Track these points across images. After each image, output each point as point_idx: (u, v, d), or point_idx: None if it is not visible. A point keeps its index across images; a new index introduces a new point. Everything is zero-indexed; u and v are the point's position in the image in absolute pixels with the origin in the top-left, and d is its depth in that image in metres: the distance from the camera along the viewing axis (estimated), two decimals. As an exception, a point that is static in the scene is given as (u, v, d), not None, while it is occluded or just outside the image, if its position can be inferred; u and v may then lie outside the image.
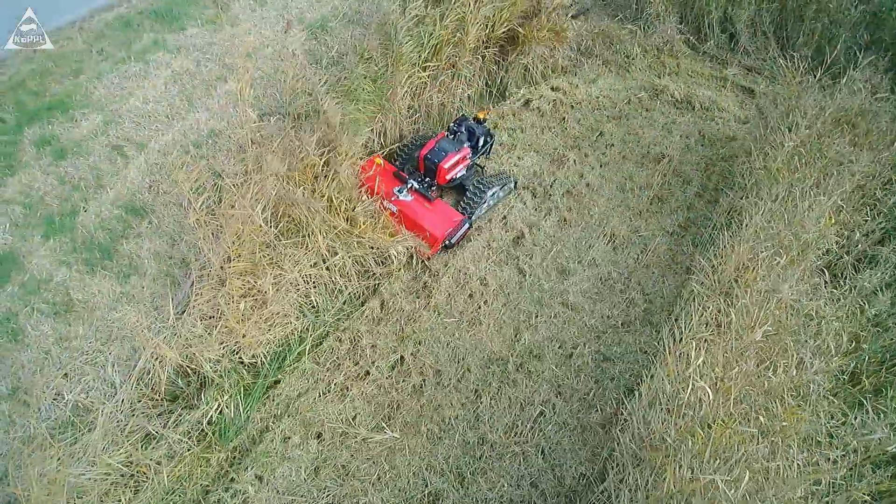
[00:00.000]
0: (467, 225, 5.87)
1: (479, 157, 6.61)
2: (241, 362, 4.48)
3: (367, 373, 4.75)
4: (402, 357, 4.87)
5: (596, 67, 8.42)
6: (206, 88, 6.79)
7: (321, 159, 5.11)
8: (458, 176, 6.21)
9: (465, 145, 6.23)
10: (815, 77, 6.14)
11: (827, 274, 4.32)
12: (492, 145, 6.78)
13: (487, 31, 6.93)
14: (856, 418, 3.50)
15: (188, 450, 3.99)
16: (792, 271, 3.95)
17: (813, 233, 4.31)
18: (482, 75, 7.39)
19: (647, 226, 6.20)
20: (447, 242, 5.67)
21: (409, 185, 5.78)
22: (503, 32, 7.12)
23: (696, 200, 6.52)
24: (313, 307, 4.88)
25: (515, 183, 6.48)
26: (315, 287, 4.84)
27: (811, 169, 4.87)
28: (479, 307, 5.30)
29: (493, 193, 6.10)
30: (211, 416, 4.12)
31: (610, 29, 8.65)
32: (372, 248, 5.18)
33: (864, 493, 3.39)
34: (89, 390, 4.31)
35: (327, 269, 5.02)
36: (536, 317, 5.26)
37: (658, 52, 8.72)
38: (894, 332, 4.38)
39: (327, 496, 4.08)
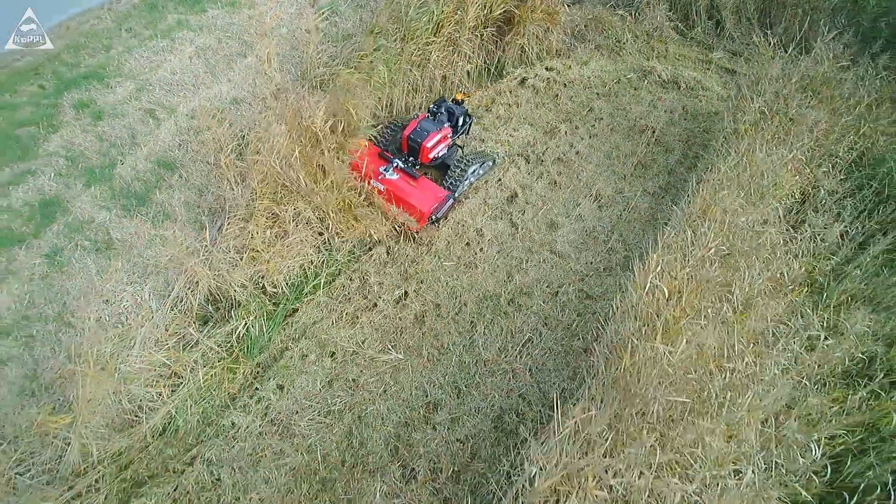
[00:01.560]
0: (451, 200, 6.21)
1: (458, 137, 6.96)
2: (264, 292, 5.05)
3: (375, 305, 5.32)
4: (405, 292, 5.43)
5: (588, 51, 8.97)
6: (227, 62, 7.41)
7: (329, 129, 5.61)
8: (440, 155, 6.54)
9: (446, 125, 6.56)
10: (786, 52, 6.70)
11: (781, 211, 4.86)
12: (471, 125, 7.14)
13: (485, 12, 7.50)
14: (801, 322, 4.05)
15: (219, 360, 4.56)
16: (750, 205, 4.51)
17: (770, 177, 4.86)
18: (481, 53, 7.96)
19: (631, 188, 6.75)
20: (434, 217, 6.02)
21: (395, 164, 6.10)
22: (500, 14, 7.70)
23: (677, 166, 7.08)
24: (327, 246, 5.44)
25: (494, 161, 6.89)
26: (328, 228, 5.40)
27: (772, 125, 5.43)
28: (476, 254, 5.86)
29: (474, 171, 6.49)
30: (239, 333, 4.68)
31: (602, 15, 9.20)
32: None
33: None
34: (129, 313, 4.89)
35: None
36: (527, 262, 5.82)
37: (648, 37, 9.27)
38: (854, 277, 4.91)
39: (339, 403, 4.64)
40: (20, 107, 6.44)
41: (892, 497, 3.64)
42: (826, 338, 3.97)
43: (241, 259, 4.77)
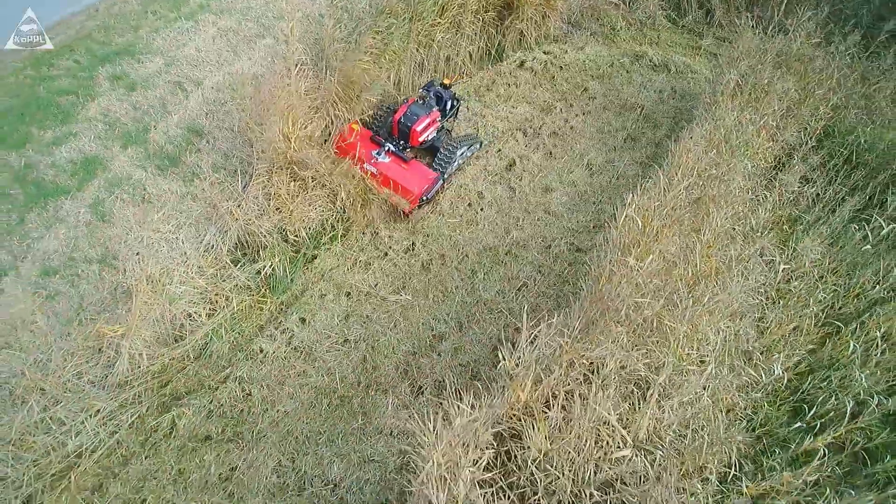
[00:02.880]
0: (441, 181, 6.51)
1: (447, 120, 7.21)
2: (286, 240, 5.61)
3: (386, 254, 5.89)
4: (413, 243, 6.00)
5: (584, 37, 9.52)
6: (247, 43, 7.98)
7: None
8: (429, 138, 6.77)
9: (435, 109, 6.79)
10: (765, 33, 7.24)
11: (750, 167, 5.40)
12: (458, 108, 7.39)
13: (487, -3, 8.08)
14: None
15: (249, 294, 5.12)
16: (721, 160, 5.06)
17: (740, 137, 5.41)
18: (483, 36, 8.52)
19: (621, 158, 7.31)
20: (424, 198, 6.30)
21: (386, 148, 6.33)
22: (500, -1, 8.27)
23: (664, 140, 7.61)
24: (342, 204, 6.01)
25: (481, 143, 7.27)
26: (342, 187, 5.96)
27: (745, 94, 5.98)
28: (477, 213, 6.43)
29: (462, 153, 6.81)
30: (266, 272, 5.25)
31: (598, 4, 9.76)
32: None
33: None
34: (166, 257, 5.44)
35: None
36: (523, 220, 6.38)
37: (641, 25, 9.83)
38: (823, 232, 5.44)
39: (355, 335, 5.21)
40: (58, 78, 7.01)
41: (848, 413, 4.17)
42: (782, 263, 4.51)
43: (269, 205, 5.32)
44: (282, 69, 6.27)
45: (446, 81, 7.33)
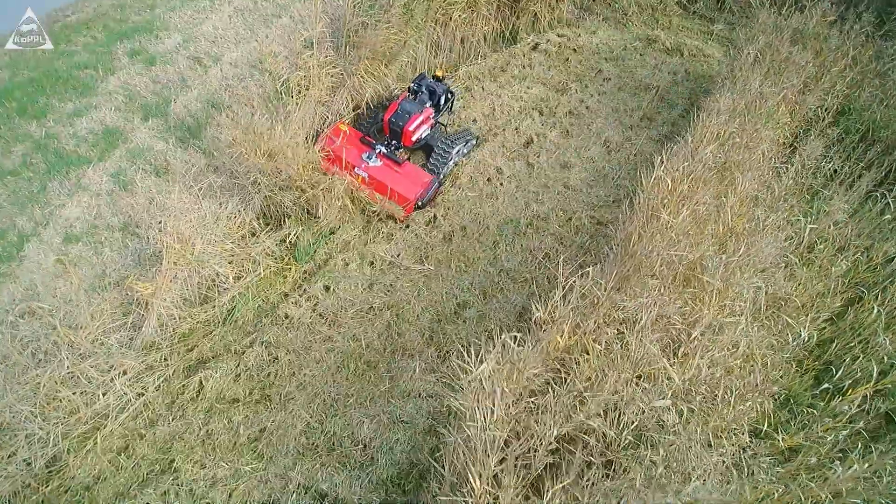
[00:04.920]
0: (437, 184, 6.14)
1: (441, 116, 6.87)
2: (308, 212, 5.62)
3: (408, 226, 5.90)
4: (434, 216, 6.01)
5: (596, 22, 9.56)
6: (263, 21, 7.99)
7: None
8: (423, 137, 6.44)
9: (428, 105, 6.45)
10: (780, 13, 7.29)
11: (773, 133, 5.43)
12: (453, 102, 7.08)
13: (502, -22, 8.10)
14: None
15: (273, 260, 5.13)
16: (741, 127, 5.09)
17: (762, 108, 5.43)
18: (497, 17, 8.55)
19: (637, 136, 7.33)
20: (420, 203, 5.99)
21: (378, 151, 5.93)
22: (515, -21, 8.29)
23: (680, 119, 7.64)
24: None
25: (477, 139, 6.96)
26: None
27: (763, 67, 6.01)
28: (496, 187, 6.44)
29: (458, 151, 6.51)
30: (290, 240, 5.25)
31: (609, -11, 9.81)
32: None
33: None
34: (188, 225, 5.44)
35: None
36: (542, 195, 6.39)
37: (653, 10, 9.85)
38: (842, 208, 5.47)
39: (379, 302, 5.22)
40: (76, 53, 7.02)
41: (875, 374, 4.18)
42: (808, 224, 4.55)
43: (292, 182, 5.32)
44: (298, 46, 6.32)
45: (439, 73, 7.01)
